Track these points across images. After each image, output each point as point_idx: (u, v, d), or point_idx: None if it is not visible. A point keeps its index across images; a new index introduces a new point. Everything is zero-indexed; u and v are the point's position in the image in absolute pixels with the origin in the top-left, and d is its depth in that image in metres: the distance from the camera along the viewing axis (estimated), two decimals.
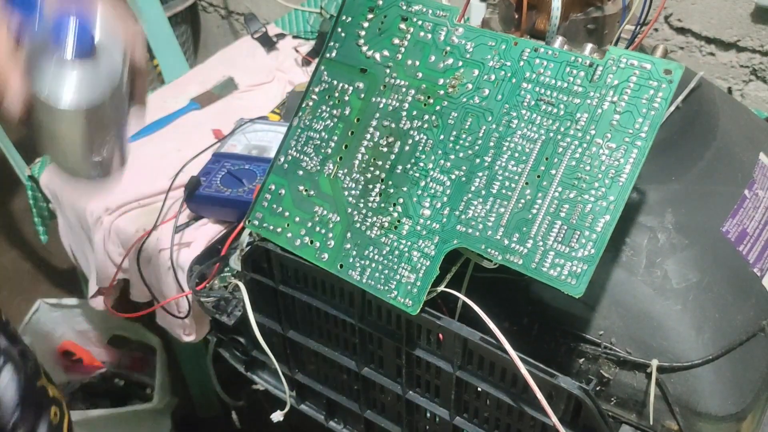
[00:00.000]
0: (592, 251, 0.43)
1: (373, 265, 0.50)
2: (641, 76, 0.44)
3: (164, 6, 1.57)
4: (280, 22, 1.23)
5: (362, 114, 0.52)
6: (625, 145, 0.44)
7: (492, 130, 0.48)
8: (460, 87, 0.49)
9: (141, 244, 0.82)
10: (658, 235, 0.51)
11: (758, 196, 0.57)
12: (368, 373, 0.57)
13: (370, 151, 0.51)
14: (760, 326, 0.51)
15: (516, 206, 0.46)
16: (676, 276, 0.50)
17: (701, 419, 0.49)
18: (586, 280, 0.43)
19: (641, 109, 0.44)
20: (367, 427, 0.63)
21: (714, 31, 1.05)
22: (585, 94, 0.45)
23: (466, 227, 0.47)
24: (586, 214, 0.44)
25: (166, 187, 0.86)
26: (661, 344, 0.49)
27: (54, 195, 0.98)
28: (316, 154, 0.53)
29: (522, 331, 0.53)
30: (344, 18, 0.54)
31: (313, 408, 0.67)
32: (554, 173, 0.45)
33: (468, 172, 0.48)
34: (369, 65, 0.52)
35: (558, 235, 0.44)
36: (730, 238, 0.53)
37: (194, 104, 1.07)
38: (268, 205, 0.55)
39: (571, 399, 0.46)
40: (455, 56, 0.50)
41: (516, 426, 0.51)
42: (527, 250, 0.45)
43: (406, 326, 0.51)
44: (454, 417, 0.54)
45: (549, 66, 0.47)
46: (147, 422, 1.18)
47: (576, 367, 0.52)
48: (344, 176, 0.52)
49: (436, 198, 0.48)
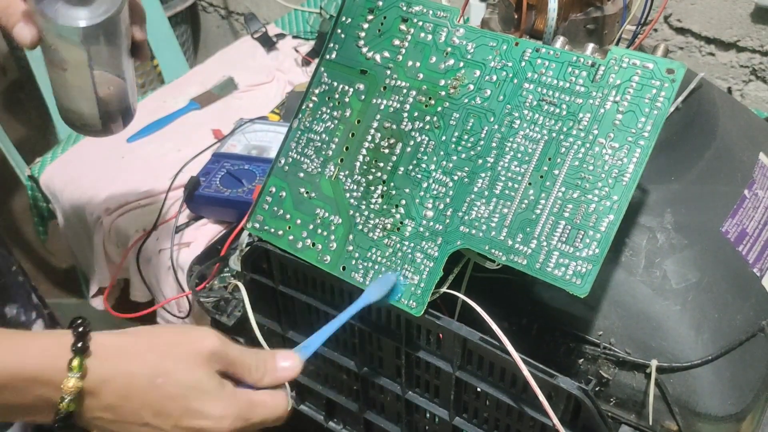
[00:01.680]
0: (597, 251, 0.43)
1: (376, 267, 0.50)
2: (644, 75, 0.44)
3: (164, 6, 1.57)
4: (280, 22, 1.23)
5: (363, 115, 0.52)
6: (628, 145, 0.44)
7: (494, 130, 0.48)
8: (462, 88, 0.49)
9: (141, 244, 0.82)
10: (657, 235, 0.51)
11: (758, 196, 0.57)
12: (368, 373, 0.57)
13: (372, 152, 0.51)
14: (759, 326, 0.51)
15: (519, 206, 0.46)
16: (676, 276, 0.50)
17: (701, 419, 0.49)
18: (591, 279, 0.43)
19: (644, 109, 0.44)
20: (367, 428, 0.63)
21: (714, 31, 1.05)
22: (587, 94, 0.45)
23: (470, 228, 0.47)
24: (589, 214, 0.44)
25: (166, 187, 0.86)
26: (660, 344, 0.49)
27: (54, 195, 0.98)
28: (316, 156, 0.53)
29: (521, 331, 0.54)
30: (344, 19, 0.54)
31: (312, 408, 0.67)
32: (557, 173, 0.45)
33: (470, 173, 0.48)
34: (369, 66, 0.52)
35: (562, 235, 0.44)
36: (729, 238, 0.53)
37: (194, 104, 1.07)
38: (269, 207, 0.55)
39: (571, 399, 0.46)
40: (456, 57, 0.50)
41: (515, 426, 0.51)
42: (531, 251, 0.45)
43: (406, 326, 0.51)
44: (454, 417, 0.54)
45: (551, 66, 0.47)
46: None
47: (575, 367, 0.52)
48: (345, 178, 0.52)
49: (439, 199, 0.49)
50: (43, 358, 0.41)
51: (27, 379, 0.40)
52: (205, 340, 0.45)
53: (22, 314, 0.67)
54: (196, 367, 0.44)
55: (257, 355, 0.48)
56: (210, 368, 0.45)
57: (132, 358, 0.44)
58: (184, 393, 0.43)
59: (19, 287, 0.68)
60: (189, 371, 0.44)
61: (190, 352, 0.45)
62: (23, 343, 0.42)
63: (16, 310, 0.66)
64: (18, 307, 0.66)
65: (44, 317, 0.70)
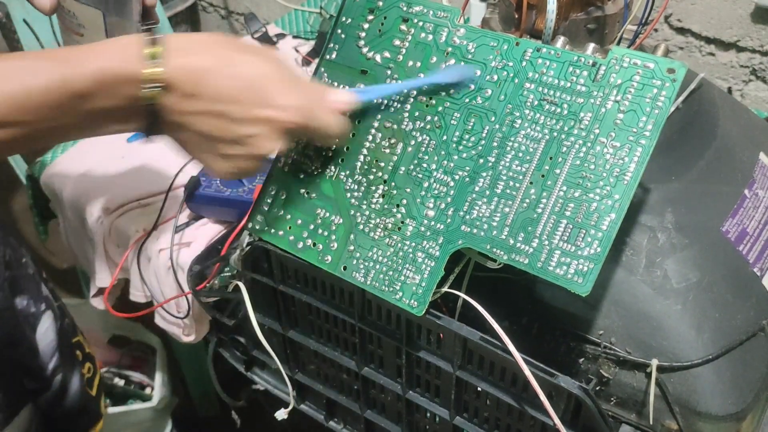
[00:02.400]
0: (598, 249, 0.43)
1: (378, 266, 0.50)
2: (644, 75, 0.44)
3: (164, 6, 1.57)
4: (280, 22, 1.23)
5: (363, 116, 0.52)
6: (629, 144, 0.44)
7: (495, 130, 0.48)
8: (463, 88, 0.49)
9: (141, 244, 0.82)
10: (658, 235, 0.51)
11: (758, 196, 0.57)
12: (368, 373, 0.57)
13: (372, 152, 0.51)
14: (760, 326, 0.51)
15: (521, 206, 0.46)
16: (676, 276, 0.50)
17: (701, 419, 0.49)
18: (593, 278, 0.43)
19: (645, 108, 0.44)
20: (367, 427, 0.63)
21: (714, 31, 1.05)
22: (588, 94, 0.45)
23: (471, 227, 0.47)
24: (591, 213, 0.44)
25: (166, 187, 0.86)
26: (661, 344, 0.49)
27: (54, 195, 0.98)
28: (317, 156, 0.53)
29: (522, 331, 0.54)
30: (344, 19, 0.54)
31: (313, 408, 0.67)
32: (558, 172, 0.45)
33: (472, 173, 0.48)
34: (369, 67, 0.52)
35: (564, 234, 0.44)
36: (730, 238, 0.53)
37: None
38: (270, 208, 0.55)
39: (571, 398, 0.46)
40: (457, 57, 0.50)
41: (516, 426, 0.51)
42: (533, 250, 0.45)
43: (406, 326, 0.51)
44: (454, 417, 0.54)
45: (552, 66, 0.47)
46: (147, 422, 1.17)
47: (576, 366, 0.52)
48: (346, 178, 0.52)
49: (440, 199, 0.49)
50: (124, 55, 0.43)
51: (113, 78, 0.42)
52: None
53: (32, 305, 0.68)
54: (268, 59, 0.47)
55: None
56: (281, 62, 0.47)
57: (206, 49, 0.46)
58: (257, 81, 0.45)
59: (30, 279, 0.69)
60: (262, 62, 0.46)
61: (261, 48, 0.49)
62: (101, 49, 0.44)
63: (26, 302, 0.67)
64: (28, 299, 0.67)
65: (54, 309, 0.71)
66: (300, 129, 0.47)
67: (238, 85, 0.45)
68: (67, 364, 0.71)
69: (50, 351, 0.69)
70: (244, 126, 0.45)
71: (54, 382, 0.69)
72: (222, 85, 0.44)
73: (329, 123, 0.48)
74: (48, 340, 0.69)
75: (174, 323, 0.83)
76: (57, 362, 0.69)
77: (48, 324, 0.69)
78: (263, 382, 0.71)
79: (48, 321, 0.69)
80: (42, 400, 0.68)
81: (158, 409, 1.16)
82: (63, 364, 0.70)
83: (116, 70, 0.43)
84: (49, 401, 0.68)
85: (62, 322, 0.71)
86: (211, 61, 0.45)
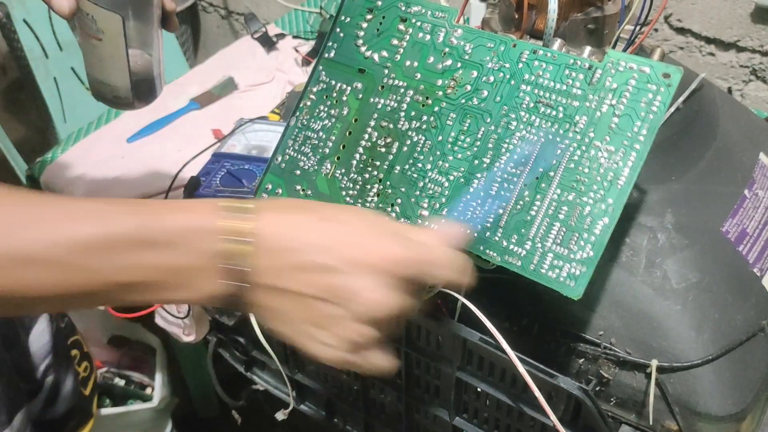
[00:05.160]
0: (591, 253, 0.43)
1: None
2: (640, 79, 0.44)
3: None
4: (280, 22, 1.23)
5: (360, 114, 0.52)
6: (623, 148, 0.44)
7: (491, 131, 0.48)
8: (459, 88, 0.49)
9: None
10: (657, 235, 0.51)
11: (758, 196, 0.57)
12: None
13: (368, 151, 0.51)
14: (760, 326, 0.51)
15: (515, 208, 0.46)
16: (676, 276, 0.50)
17: (701, 419, 0.49)
18: (585, 282, 0.43)
19: (640, 113, 0.44)
20: (367, 427, 0.63)
21: (714, 31, 1.05)
22: (584, 97, 0.45)
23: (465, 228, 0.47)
24: (584, 217, 0.44)
25: (166, 187, 0.86)
26: (660, 344, 0.49)
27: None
28: (313, 153, 0.53)
29: (522, 332, 0.53)
30: (343, 18, 0.54)
31: (312, 408, 0.67)
32: (553, 175, 0.45)
33: (467, 173, 0.48)
34: (367, 65, 0.52)
35: (557, 237, 0.44)
36: (730, 238, 0.53)
37: (194, 104, 1.07)
38: None
39: (571, 399, 0.46)
40: (454, 57, 0.50)
41: (515, 426, 0.51)
42: (526, 252, 0.45)
43: (406, 326, 0.51)
44: (454, 417, 0.54)
45: (548, 68, 0.47)
46: (147, 422, 1.18)
47: (576, 367, 0.52)
48: (342, 176, 0.52)
49: (435, 199, 0.48)
50: (200, 208, 0.39)
51: (184, 228, 0.38)
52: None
53: None
54: (364, 210, 0.44)
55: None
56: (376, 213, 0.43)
57: (295, 204, 0.44)
58: (356, 230, 0.40)
59: None
60: (358, 211, 0.44)
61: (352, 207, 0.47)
62: (172, 204, 0.39)
63: None
64: None
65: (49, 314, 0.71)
66: (414, 272, 0.40)
67: (338, 229, 0.40)
68: (62, 364, 0.71)
69: (43, 353, 0.69)
70: (346, 276, 0.39)
71: (45, 383, 0.69)
72: (319, 234, 0.39)
73: (450, 259, 0.42)
74: (42, 343, 0.69)
75: (174, 323, 0.83)
76: (49, 363, 0.69)
77: (43, 326, 0.70)
78: (263, 383, 0.71)
79: (43, 323, 0.70)
80: (35, 402, 0.68)
81: (158, 409, 1.16)
82: (56, 365, 0.70)
83: (191, 221, 0.38)
84: (41, 402, 0.69)
85: (59, 324, 0.72)
86: (305, 214, 0.41)
